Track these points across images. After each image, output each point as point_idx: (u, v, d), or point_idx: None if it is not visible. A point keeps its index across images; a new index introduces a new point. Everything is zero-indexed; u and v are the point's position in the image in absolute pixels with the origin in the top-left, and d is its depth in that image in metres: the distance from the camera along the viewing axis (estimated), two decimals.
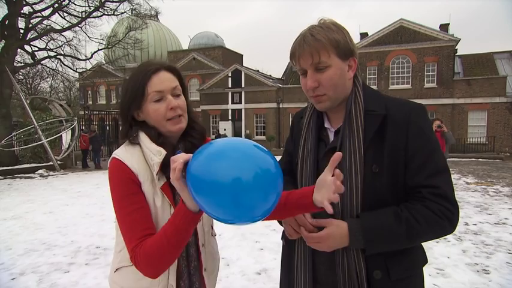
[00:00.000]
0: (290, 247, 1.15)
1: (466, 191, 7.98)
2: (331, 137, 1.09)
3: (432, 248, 4.07)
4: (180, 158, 0.82)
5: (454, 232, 1.00)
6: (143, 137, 1.04)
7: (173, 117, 1.01)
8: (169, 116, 1.01)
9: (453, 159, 15.82)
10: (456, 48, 20.93)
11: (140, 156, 1.02)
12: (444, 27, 22.54)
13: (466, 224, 5.22)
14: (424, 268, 1.08)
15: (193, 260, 1.07)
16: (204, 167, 0.76)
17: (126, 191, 0.97)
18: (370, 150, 0.99)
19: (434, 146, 0.99)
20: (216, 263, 1.20)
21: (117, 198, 0.98)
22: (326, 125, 1.10)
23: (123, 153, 1.02)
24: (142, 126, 1.05)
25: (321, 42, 0.96)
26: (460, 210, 0.99)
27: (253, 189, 0.73)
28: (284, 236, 1.23)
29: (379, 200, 0.97)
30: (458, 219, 0.97)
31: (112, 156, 1.02)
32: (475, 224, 5.23)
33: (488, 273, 3.43)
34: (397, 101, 1.04)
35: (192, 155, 0.82)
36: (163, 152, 0.99)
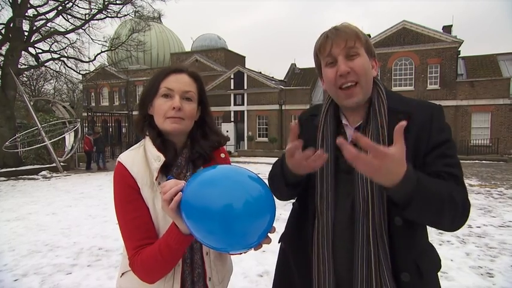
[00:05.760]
0: (294, 251, 1.12)
1: (470, 193, 7.88)
2: (349, 133, 1.06)
3: None
4: (170, 187, 0.82)
5: (457, 234, 0.98)
6: (147, 140, 1.05)
7: (173, 117, 1.01)
8: (170, 115, 1.01)
9: None
10: (459, 49, 20.84)
11: (142, 160, 1.03)
12: (447, 28, 22.48)
13: (470, 226, 5.17)
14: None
15: (197, 268, 1.05)
16: (196, 194, 0.78)
17: (125, 198, 0.99)
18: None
19: (453, 150, 0.99)
20: (226, 273, 1.15)
21: (117, 204, 1.01)
22: (344, 121, 1.08)
23: (126, 156, 1.04)
24: (151, 121, 1.07)
25: (354, 31, 1.00)
26: None
27: (243, 216, 0.75)
28: (282, 239, 1.20)
29: None
30: (469, 213, 0.93)
31: (117, 159, 1.05)
32: (479, 227, 5.19)
33: (493, 277, 3.41)
34: (418, 101, 1.06)
35: (183, 183, 0.83)
36: (162, 158, 0.99)
